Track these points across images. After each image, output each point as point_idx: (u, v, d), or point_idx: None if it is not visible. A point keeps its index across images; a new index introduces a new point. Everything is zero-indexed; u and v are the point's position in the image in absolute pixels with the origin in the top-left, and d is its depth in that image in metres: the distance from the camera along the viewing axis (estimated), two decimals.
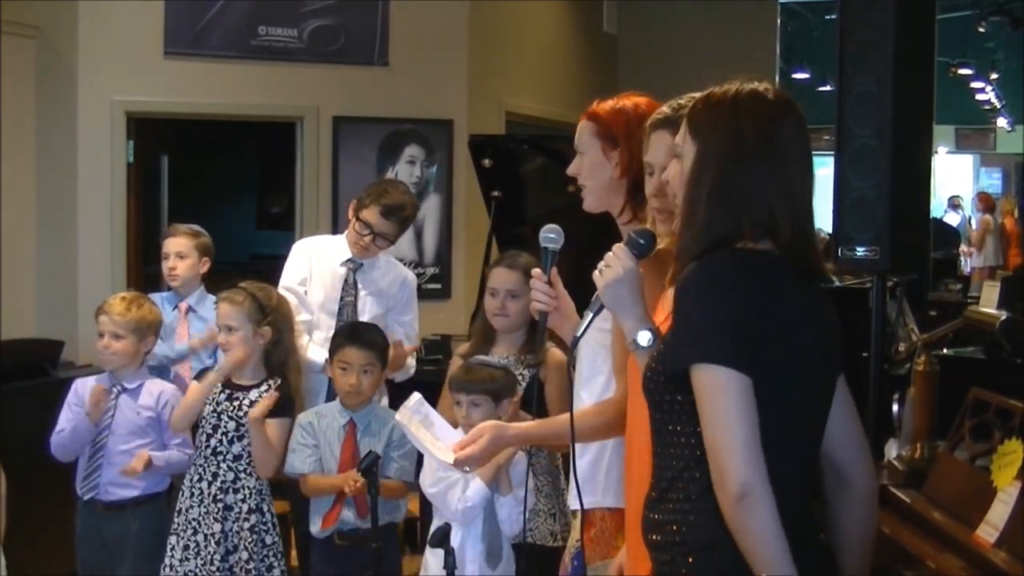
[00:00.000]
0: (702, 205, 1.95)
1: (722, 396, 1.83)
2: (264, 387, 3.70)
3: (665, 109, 2.36)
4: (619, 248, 2.18)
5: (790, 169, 1.96)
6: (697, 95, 2.08)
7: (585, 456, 2.68)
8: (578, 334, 2.29)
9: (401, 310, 4.44)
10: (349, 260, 4.34)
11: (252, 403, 3.65)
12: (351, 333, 3.85)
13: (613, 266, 2.15)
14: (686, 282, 1.91)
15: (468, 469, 2.72)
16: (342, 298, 4.33)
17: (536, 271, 2.60)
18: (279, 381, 3.72)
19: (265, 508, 3.68)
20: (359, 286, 4.33)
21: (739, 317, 1.86)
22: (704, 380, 1.85)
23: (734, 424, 1.82)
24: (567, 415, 2.48)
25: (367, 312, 4.30)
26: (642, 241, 2.18)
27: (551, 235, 2.55)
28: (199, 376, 3.81)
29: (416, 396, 2.79)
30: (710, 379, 1.84)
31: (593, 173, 2.63)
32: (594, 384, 2.68)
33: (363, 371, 3.71)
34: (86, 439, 3.78)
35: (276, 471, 3.70)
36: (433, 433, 2.70)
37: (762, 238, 1.95)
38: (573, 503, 2.79)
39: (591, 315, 2.26)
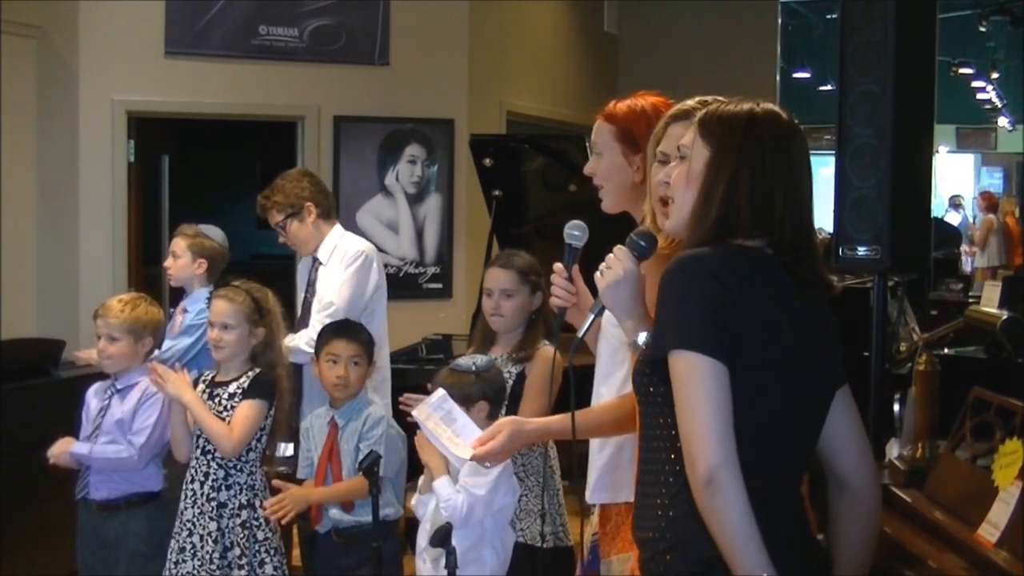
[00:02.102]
0: (717, 202, 1.96)
1: (695, 381, 1.84)
2: (243, 379, 3.69)
3: (690, 103, 2.34)
4: (620, 250, 2.18)
5: (802, 183, 2.00)
6: (710, 98, 2.11)
7: (605, 451, 2.68)
8: (579, 334, 2.31)
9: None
10: (312, 259, 4.44)
11: (231, 395, 3.65)
12: (338, 327, 3.91)
13: (614, 267, 2.15)
14: (668, 272, 1.93)
15: (488, 465, 2.70)
16: (304, 297, 4.42)
17: (557, 266, 2.58)
18: (258, 370, 3.70)
19: (257, 504, 3.65)
20: (317, 283, 4.37)
21: (717, 305, 1.87)
22: (679, 365, 1.86)
23: (705, 409, 1.83)
24: (587, 410, 2.51)
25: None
26: (643, 243, 2.18)
27: (575, 232, 2.51)
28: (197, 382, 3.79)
29: (440, 392, 2.75)
30: (685, 364, 1.86)
31: (612, 176, 2.62)
32: (613, 380, 2.67)
33: (352, 363, 3.74)
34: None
35: (237, 453, 3.62)
36: (454, 430, 2.65)
37: (756, 236, 1.96)
38: (591, 497, 2.79)
39: (591, 316, 2.27)
